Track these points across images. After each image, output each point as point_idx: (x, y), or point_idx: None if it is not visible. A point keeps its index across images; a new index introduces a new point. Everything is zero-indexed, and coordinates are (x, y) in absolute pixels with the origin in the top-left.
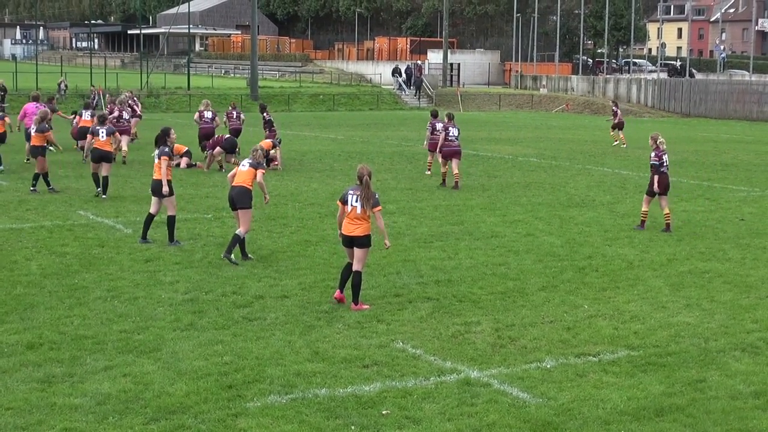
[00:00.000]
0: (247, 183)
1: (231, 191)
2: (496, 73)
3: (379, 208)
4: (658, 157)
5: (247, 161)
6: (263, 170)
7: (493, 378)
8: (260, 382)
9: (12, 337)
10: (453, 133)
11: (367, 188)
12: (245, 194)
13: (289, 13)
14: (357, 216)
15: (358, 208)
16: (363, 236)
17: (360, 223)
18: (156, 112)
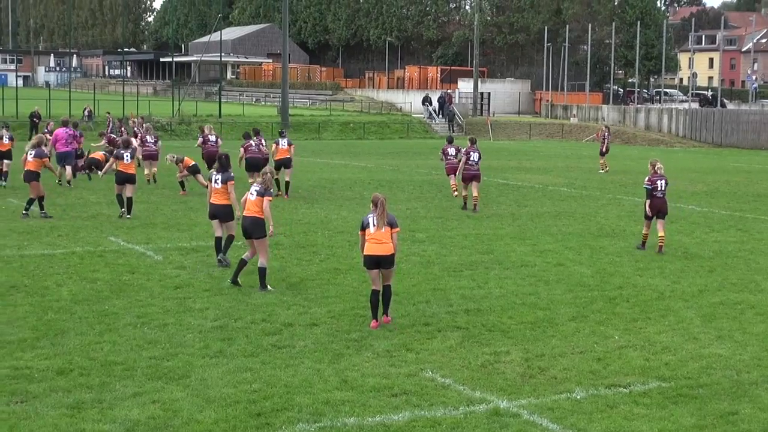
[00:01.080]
0: (258, 212)
1: (244, 221)
2: (527, 102)
3: (397, 229)
4: (651, 182)
5: (255, 189)
6: (270, 198)
7: (523, 408)
8: (289, 410)
9: (42, 362)
10: (474, 158)
11: (383, 208)
12: (258, 224)
13: (320, 41)
14: (381, 235)
15: (382, 228)
16: (389, 255)
17: (385, 242)
18: (187, 139)
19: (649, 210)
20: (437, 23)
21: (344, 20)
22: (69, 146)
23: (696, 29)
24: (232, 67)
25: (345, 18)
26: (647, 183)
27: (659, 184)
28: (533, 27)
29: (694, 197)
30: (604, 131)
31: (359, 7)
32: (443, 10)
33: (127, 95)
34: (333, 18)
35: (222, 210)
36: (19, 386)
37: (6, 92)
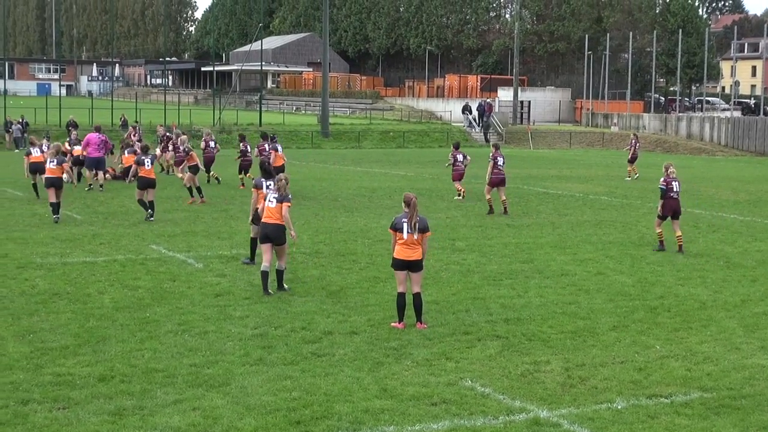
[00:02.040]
0: (280, 219)
1: (265, 228)
2: (567, 110)
3: (429, 233)
4: (666, 183)
5: (273, 196)
6: (289, 204)
7: (563, 418)
8: (328, 419)
9: (84, 369)
10: (500, 162)
11: (415, 209)
12: (281, 230)
13: (360, 50)
14: (413, 241)
15: (415, 235)
16: (419, 260)
17: (416, 248)
18: (228, 147)
19: (663, 210)
20: (477, 32)
21: (384, 29)
22: (100, 151)
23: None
24: (273, 76)
25: (385, 27)
26: (662, 184)
27: (674, 185)
28: (574, 35)
29: (736, 206)
30: (632, 139)
31: (399, 16)
32: (483, 19)
33: (169, 104)
34: (373, 27)
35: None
36: (62, 393)
37: (50, 101)
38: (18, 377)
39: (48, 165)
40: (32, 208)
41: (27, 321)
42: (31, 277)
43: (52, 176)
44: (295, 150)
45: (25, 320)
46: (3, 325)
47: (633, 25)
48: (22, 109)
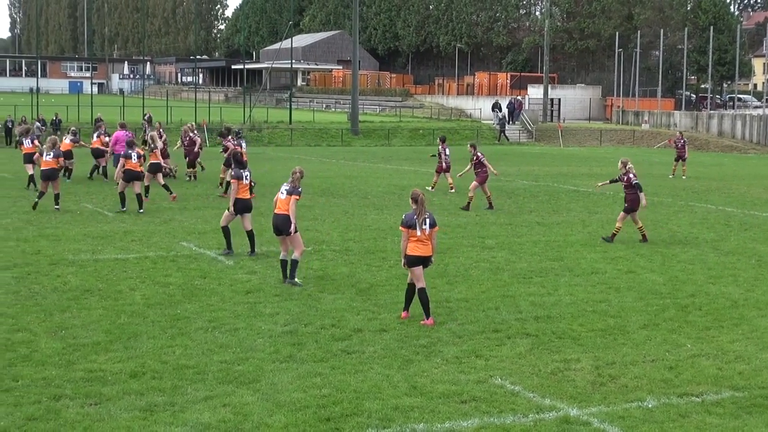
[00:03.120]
0: (287, 210)
1: (276, 219)
2: (597, 108)
3: (437, 228)
4: (636, 176)
5: (285, 188)
6: (297, 197)
7: (593, 417)
8: (358, 416)
9: (116, 365)
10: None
11: (423, 206)
12: (288, 221)
13: (390, 48)
14: (425, 237)
15: (427, 230)
16: (431, 255)
17: (428, 243)
18: (258, 145)
19: (633, 204)
20: (507, 29)
21: (414, 27)
22: None
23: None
24: (303, 73)
25: (415, 24)
26: (635, 179)
27: None
28: (604, 33)
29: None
30: (678, 137)
31: (429, 14)
32: (513, 16)
33: (199, 102)
34: (403, 24)
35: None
36: (93, 389)
37: (81, 99)
38: (50, 373)
39: (44, 158)
40: (64, 206)
41: (59, 317)
42: (63, 274)
43: (47, 168)
44: (325, 147)
45: (57, 316)
46: (35, 321)
47: (664, 22)
48: (53, 107)
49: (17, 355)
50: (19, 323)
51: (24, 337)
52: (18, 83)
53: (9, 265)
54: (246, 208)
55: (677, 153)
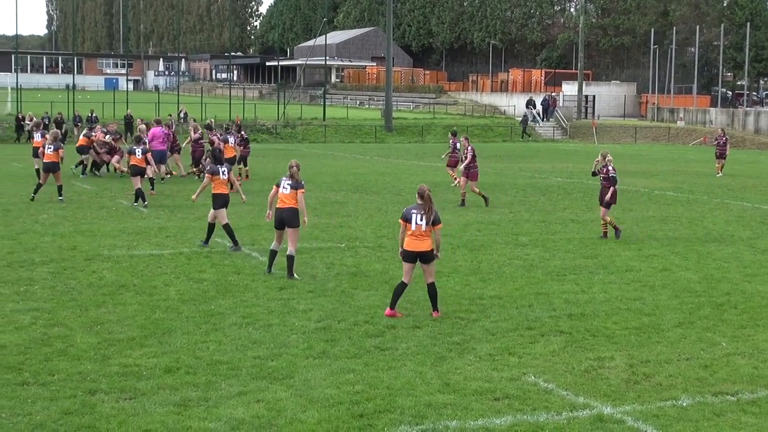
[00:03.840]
0: (294, 204)
1: (281, 212)
2: (632, 105)
3: (440, 225)
4: (614, 171)
5: (288, 183)
6: (303, 190)
7: (627, 415)
8: (391, 412)
9: (150, 360)
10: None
11: (430, 202)
12: (295, 214)
13: (424, 45)
14: (422, 232)
15: (423, 226)
16: (430, 251)
17: (426, 239)
18: (292, 142)
19: (613, 198)
20: (542, 26)
21: (448, 23)
22: (164, 144)
23: None
24: (337, 70)
25: (449, 21)
26: (613, 172)
27: None
28: (639, 29)
29: None
30: (720, 135)
31: (463, 11)
32: (548, 13)
33: (234, 99)
34: (437, 21)
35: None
36: (128, 383)
37: (117, 96)
38: (86, 368)
39: (46, 151)
40: (100, 202)
41: (94, 312)
42: (99, 269)
43: (49, 161)
44: (359, 144)
45: (93, 312)
46: (71, 317)
47: (700, 18)
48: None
49: (53, 350)
50: (55, 318)
51: (60, 332)
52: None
53: (45, 260)
54: (224, 203)
55: (718, 150)
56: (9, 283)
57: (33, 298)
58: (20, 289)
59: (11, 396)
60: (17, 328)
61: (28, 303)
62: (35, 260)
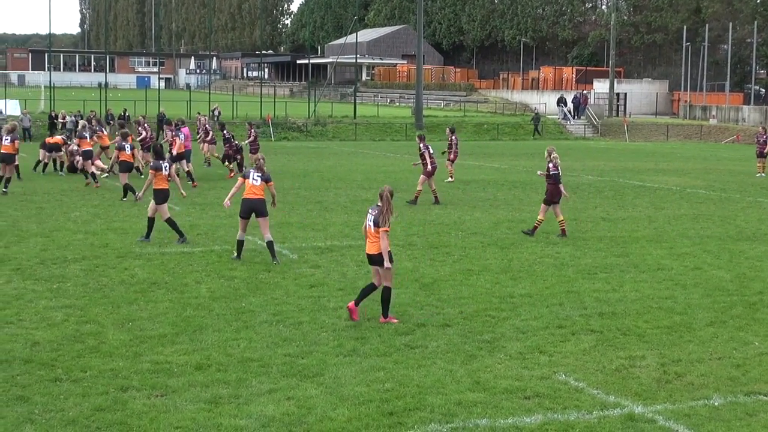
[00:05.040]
0: (262, 195)
1: (250, 203)
2: (664, 102)
3: (386, 229)
4: (556, 168)
5: (257, 175)
6: (272, 183)
7: (658, 414)
8: (421, 410)
9: (182, 357)
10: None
11: (387, 203)
12: (263, 204)
13: (455, 42)
14: (372, 234)
15: (372, 228)
16: (378, 254)
17: (375, 242)
18: (322, 140)
19: (554, 196)
20: (573, 23)
21: (479, 21)
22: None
23: None
24: (367, 68)
25: (480, 19)
26: (555, 169)
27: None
28: (671, 26)
29: None
30: (761, 133)
31: (494, 8)
32: (579, 10)
33: (265, 97)
34: (468, 19)
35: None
36: (160, 380)
37: (149, 94)
38: (118, 364)
39: (3, 142)
40: (130, 198)
41: (126, 309)
42: (131, 267)
43: (5, 153)
44: (389, 142)
45: (125, 309)
46: (103, 314)
47: (733, 15)
48: (121, 102)
49: (86, 347)
50: (88, 315)
51: (92, 329)
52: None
53: (78, 257)
54: (165, 198)
55: (758, 149)
56: (42, 280)
57: (65, 295)
58: (53, 287)
59: (44, 392)
60: (50, 324)
61: (61, 300)
62: (68, 257)
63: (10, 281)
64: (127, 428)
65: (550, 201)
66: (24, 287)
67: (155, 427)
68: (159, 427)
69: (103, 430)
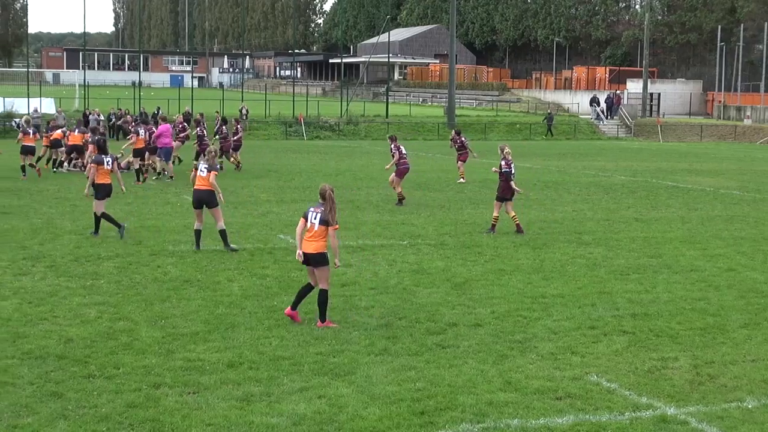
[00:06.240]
0: (209, 186)
1: (199, 194)
2: (698, 103)
3: (336, 227)
4: (508, 165)
5: (204, 166)
6: (216, 172)
7: (691, 416)
8: (452, 410)
9: (214, 355)
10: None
11: (331, 202)
12: (211, 194)
13: (487, 42)
14: (314, 233)
15: (315, 226)
16: (316, 254)
17: (314, 241)
18: (354, 139)
19: (504, 192)
20: (606, 23)
21: (512, 21)
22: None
23: None
24: (400, 67)
25: (512, 18)
26: (506, 167)
27: (513, 167)
28: (706, 26)
29: None
30: None
31: (527, 8)
32: (612, 10)
33: (297, 96)
34: (500, 18)
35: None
36: (192, 378)
37: (182, 92)
38: (150, 361)
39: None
40: (165, 198)
41: (159, 307)
42: (164, 264)
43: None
44: (422, 141)
45: (158, 306)
46: (136, 311)
47: None
48: (155, 100)
49: (118, 344)
50: (121, 312)
51: (125, 326)
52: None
53: (111, 255)
54: (107, 193)
55: None
56: (76, 277)
57: (99, 292)
58: (87, 284)
59: (78, 388)
60: (84, 321)
61: (94, 297)
62: (101, 255)
63: (44, 278)
64: (160, 425)
65: (502, 198)
66: (58, 284)
67: (187, 425)
68: (191, 425)
69: (136, 426)
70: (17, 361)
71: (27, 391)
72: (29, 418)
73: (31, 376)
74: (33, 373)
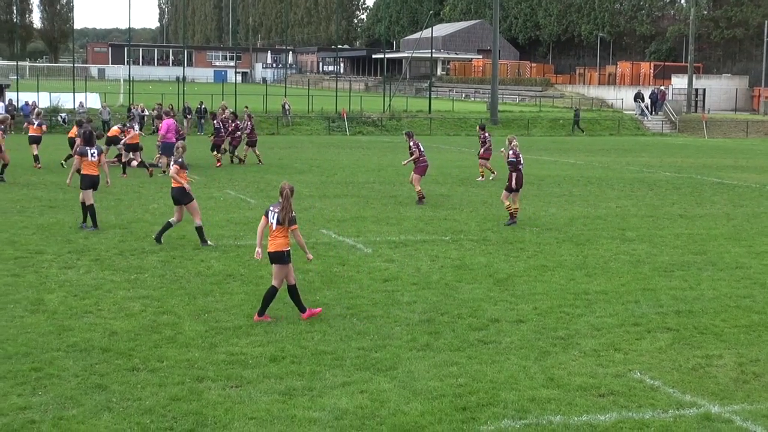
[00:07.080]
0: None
1: (173, 191)
2: (744, 98)
3: (294, 227)
4: (516, 155)
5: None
6: (176, 166)
7: (736, 414)
8: (494, 406)
9: (256, 349)
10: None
11: (287, 201)
12: (183, 192)
13: (531, 37)
14: (272, 232)
15: (273, 225)
16: (275, 252)
17: (276, 239)
18: (397, 134)
19: (517, 183)
20: (651, 18)
21: (555, 16)
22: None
23: None
24: (443, 63)
25: (556, 13)
26: (513, 157)
27: (521, 158)
28: (752, 21)
29: None
30: None
31: (571, 3)
32: (657, 5)
33: (340, 91)
34: (544, 14)
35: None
36: (234, 371)
37: (226, 88)
38: (194, 355)
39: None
40: (208, 192)
41: (202, 301)
42: (207, 259)
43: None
44: (464, 137)
45: (201, 300)
46: (180, 305)
47: None
48: (198, 96)
49: (162, 337)
50: (165, 306)
51: (169, 320)
52: (165, 72)
53: (155, 249)
54: (91, 184)
55: None
56: (120, 271)
57: (143, 286)
58: (131, 277)
59: (122, 381)
60: (128, 315)
61: (139, 291)
62: (145, 249)
63: (89, 272)
64: (202, 418)
65: (510, 189)
66: (103, 278)
67: (230, 418)
68: (234, 418)
69: (179, 419)
70: (62, 353)
71: (72, 383)
72: (74, 410)
73: (76, 369)
74: (78, 365)
